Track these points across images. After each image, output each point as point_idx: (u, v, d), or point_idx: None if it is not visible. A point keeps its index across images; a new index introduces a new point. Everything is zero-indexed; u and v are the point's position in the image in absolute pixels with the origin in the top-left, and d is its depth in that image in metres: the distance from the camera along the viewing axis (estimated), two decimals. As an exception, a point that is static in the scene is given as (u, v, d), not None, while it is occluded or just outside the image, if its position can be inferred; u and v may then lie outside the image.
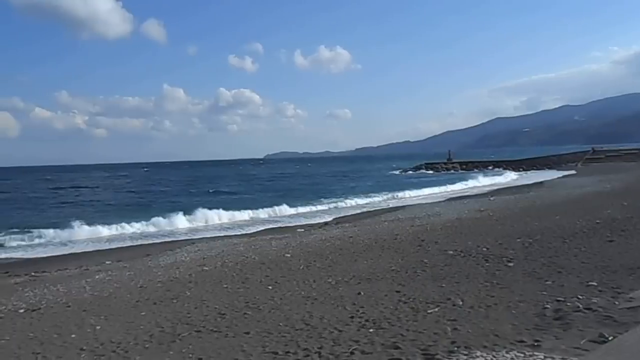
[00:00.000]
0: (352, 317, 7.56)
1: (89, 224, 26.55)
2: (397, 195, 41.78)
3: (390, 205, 33.83)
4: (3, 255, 20.38)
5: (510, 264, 10.27)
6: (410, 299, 8.25)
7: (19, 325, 8.97)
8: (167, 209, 32.53)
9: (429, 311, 7.44)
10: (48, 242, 23.52)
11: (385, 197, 41.13)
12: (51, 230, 24.97)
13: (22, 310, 10.10)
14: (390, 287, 9.24)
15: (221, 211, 31.04)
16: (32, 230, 25.25)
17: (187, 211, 30.12)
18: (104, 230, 25.79)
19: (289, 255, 14.12)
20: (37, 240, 23.64)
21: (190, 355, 6.52)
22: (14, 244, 22.90)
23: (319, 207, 35.30)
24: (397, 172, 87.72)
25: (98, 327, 8.40)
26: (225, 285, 10.79)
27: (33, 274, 14.93)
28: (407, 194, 42.66)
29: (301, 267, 12.12)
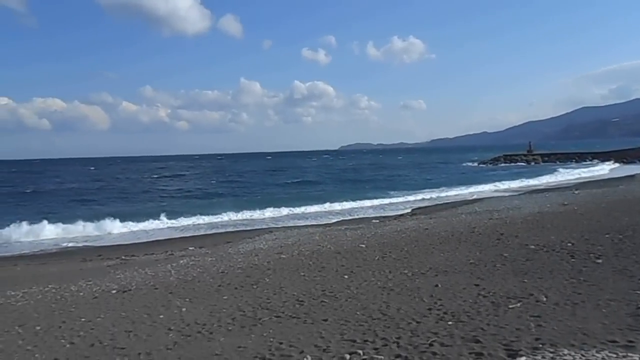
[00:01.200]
0: (429, 309, 7.50)
1: (173, 211, 27.99)
2: (474, 188, 40.70)
3: (467, 198, 33.01)
4: (99, 242, 21.88)
5: (599, 261, 9.75)
6: (490, 293, 8.06)
7: (112, 305, 9.61)
8: (246, 199, 33.67)
9: (510, 306, 7.24)
10: (138, 228, 24.97)
11: (461, 189, 40.20)
12: (140, 218, 26.52)
13: (114, 291, 10.81)
14: (469, 281, 9.06)
15: (296, 201, 31.69)
16: (124, 216, 26.87)
17: (265, 201, 31.00)
18: (187, 218, 27.04)
19: (363, 245, 14.16)
20: (128, 227, 25.14)
21: (271, 339, 6.73)
22: (108, 229, 24.46)
23: (394, 199, 35.11)
24: (474, 164, 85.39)
25: (184, 309, 8.84)
26: (302, 274, 11.01)
27: (123, 257, 15.92)
28: (485, 186, 41.46)
29: (376, 258, 12.13)
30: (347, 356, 5.80)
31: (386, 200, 34.60)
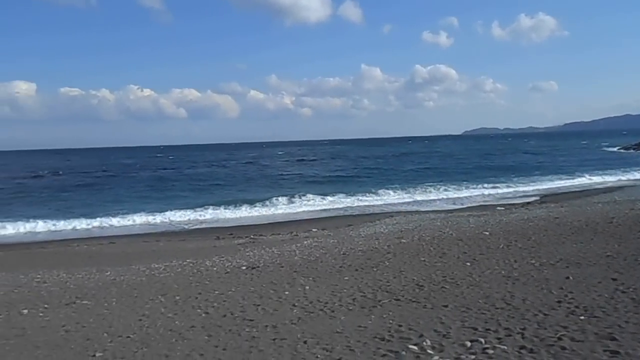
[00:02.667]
0: (559, 301, 7.09)
1: (299, 194, 29.24)
2: (613, 174, 37.24)
3: (605, 186, 30.34)
4: (231, 223, 23.45)
5: None
6: (630, 289, 7.41)
7: (242, 280, 10.29)
8: (371, 183, 34.16)
9: (653, 303, 6.61)
10: (265, 211, 26.37)
11: (598, 176, 36.99)
12: (279, 199, 28.11)
13: (244, 267, 11.55)
14: (605, 274, 8.39)
15: (418, 187, 31.38)
16: (252, 200, 28.52)
17: (389, 185, 31.16)
18: (311, 202, 28.05)
19: (487, 233, 13.67)
20: (255, 210, 26.63)
21: (391, 321, 6.80)
22: (238, 212, 26.09)
23: (520, 187, 33.27)
24: (614, 149, 77.96)
25: (307, 287, 9.22)
26: (422, 259, 10.93)
27: (252, 237, 16.90)
28: (626, 174, 37.72)
29: (501, 246, 11.66)
30: (468, 343, 5.70)
31: (512, 186, 32.94)
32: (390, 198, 29.32)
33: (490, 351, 5.43)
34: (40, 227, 22.22)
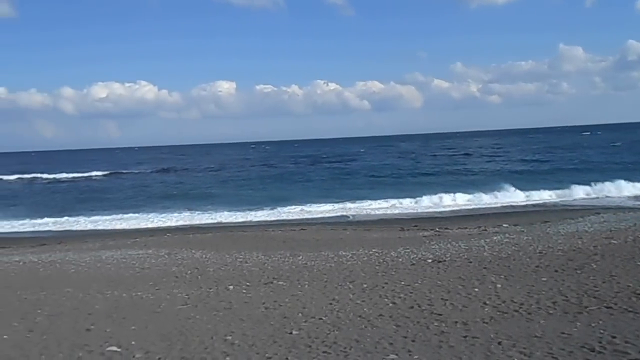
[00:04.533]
0: None
1: (485, 187, 27.92)
2: None
3: None
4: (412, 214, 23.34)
5: None
6: None
7: (428, 273, 10.07)
8: (570, 176, 31.32)
9: None
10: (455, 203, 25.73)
11: None
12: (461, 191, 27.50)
13: (429, 260, 11.30)
14: None
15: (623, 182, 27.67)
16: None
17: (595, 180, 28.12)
18: (494, 195, 26.65)
19: None
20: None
21: (602, 331, 6.01)
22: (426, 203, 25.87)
23: None
24: None
25: (499, 285, 8.65)
26: (638, 263, 9.52)
27: (437, 229, 16.52)
28: None
29: None
30: None
31: None
32: (604, 192, 26.32)
33: None
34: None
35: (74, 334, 7.06)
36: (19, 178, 54.20)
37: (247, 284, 9.85)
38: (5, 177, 53.73)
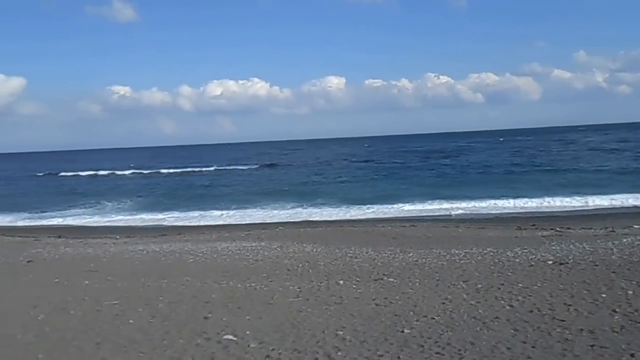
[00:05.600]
0: None
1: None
2: None
3: None
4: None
5: None
6: None
7: (548, 275, 9.48)
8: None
9: None
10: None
11: None
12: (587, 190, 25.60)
13: (550, 262, 10.63)
14: None
15: None
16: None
17: None
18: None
19: None
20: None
21: None
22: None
23: None
24: None
25: (630, 292, 7.96)
26: None
27: (558, 229, 15.49)
28: None
29: None
30: None
31: None
32: None
33: None
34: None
35: (192, 321, 7.55)
36: (133, 173, 58.59)
37: (357, 279, 9.91)
38: (125, 172, 58.51)
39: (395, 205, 25.27)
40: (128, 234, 19.09)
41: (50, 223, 25.01)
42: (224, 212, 26.19)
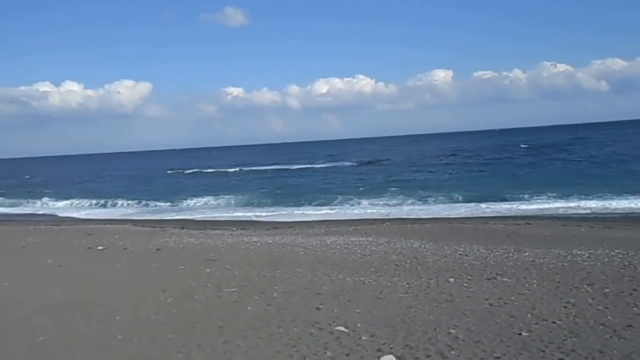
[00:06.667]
0: None
1: None
2: None
3: None
4: None
5: None
6: None
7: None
8: None
9: None
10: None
11: None
12: None
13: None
14: None
15: None
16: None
17: None
18: None
19: None
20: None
21: None
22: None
23: None
24: None
25: None
26: None
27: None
28: None
29: None
30: None
31: None
32: None
33: None
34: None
35: (305, 311, 7.75)
36: (240, 170, 60.47)
37: (469, 277, 9.60)
38: (235, 169, 60.91)
39: (502, 203, 23.93)
40: (243, 227, 20.02)
41: (174, 217, 26.76)
42: (329, 207, 26.61)
